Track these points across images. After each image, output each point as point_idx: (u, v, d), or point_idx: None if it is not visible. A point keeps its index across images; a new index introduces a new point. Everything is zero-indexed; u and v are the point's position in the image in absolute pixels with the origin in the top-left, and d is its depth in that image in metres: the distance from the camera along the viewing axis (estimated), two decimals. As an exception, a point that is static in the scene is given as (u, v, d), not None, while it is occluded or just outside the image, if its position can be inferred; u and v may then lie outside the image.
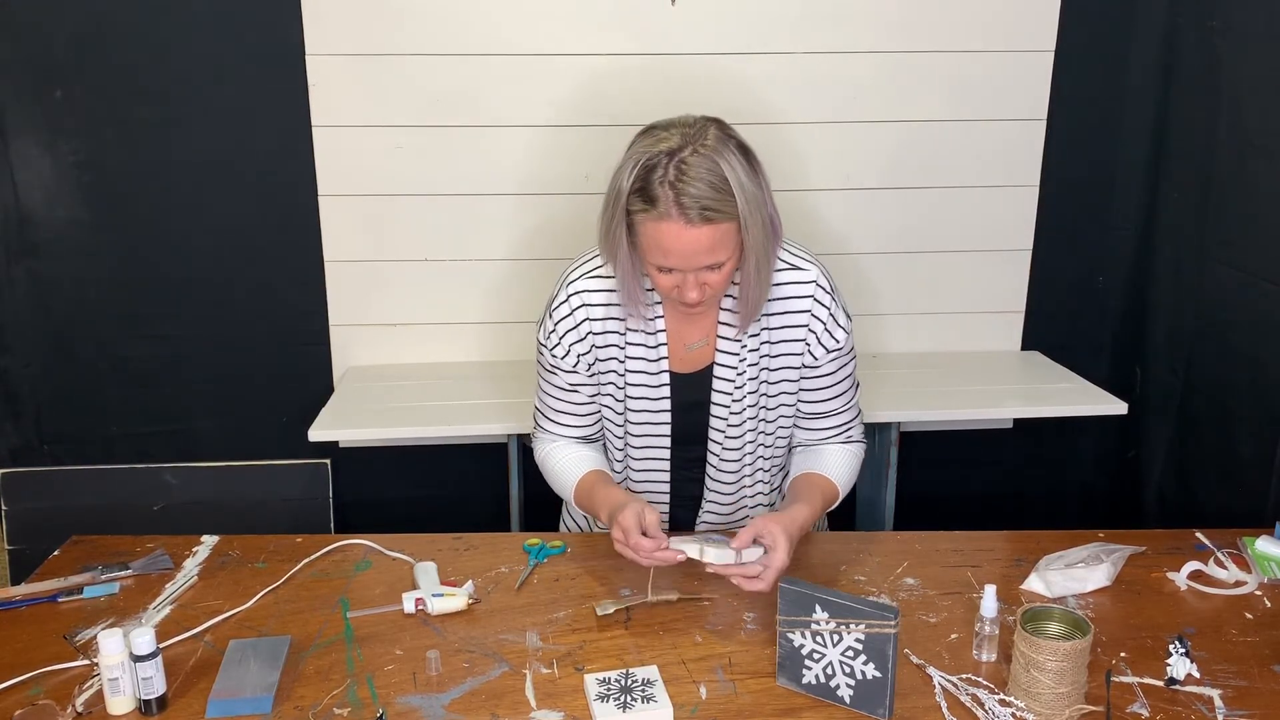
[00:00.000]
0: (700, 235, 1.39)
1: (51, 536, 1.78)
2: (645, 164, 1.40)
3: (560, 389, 1.65)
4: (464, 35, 2.41)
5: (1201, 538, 1.69)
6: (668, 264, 1.44)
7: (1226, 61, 2.24)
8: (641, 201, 1.40)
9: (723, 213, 1.39)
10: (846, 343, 1.62)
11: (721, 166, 1.39)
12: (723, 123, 1.47)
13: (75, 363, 2.54)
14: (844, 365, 1.64)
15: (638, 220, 1.42)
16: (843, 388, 1.66)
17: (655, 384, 1.61)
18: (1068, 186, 2.62)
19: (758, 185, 1.43)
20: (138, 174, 2.44)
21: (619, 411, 1.65)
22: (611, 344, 1.60)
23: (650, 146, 1.41)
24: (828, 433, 1.69)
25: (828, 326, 1.59)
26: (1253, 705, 1.28)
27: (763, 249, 1.46)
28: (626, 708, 1.26)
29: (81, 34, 2.34)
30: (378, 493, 2.68)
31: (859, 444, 1.71)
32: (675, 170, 1.38)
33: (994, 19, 2.48)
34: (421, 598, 1.49)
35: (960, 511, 2.72)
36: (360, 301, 2.57)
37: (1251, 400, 2.17)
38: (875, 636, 1.24)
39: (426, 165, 2.49)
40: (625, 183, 1.41)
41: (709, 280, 1.45)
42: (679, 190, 1.37)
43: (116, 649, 1.26)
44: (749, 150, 1.46)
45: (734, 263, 1.46)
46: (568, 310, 1.59)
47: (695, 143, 1.40)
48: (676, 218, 1.38)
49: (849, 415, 1.69)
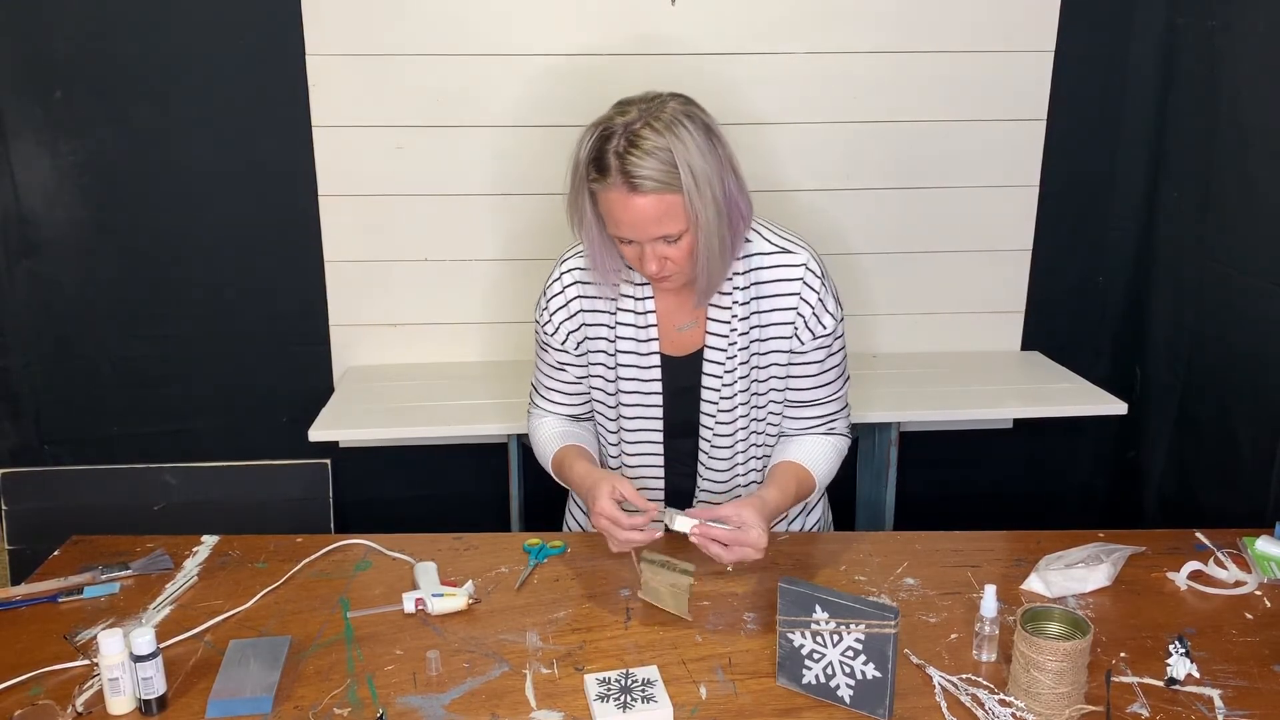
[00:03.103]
0: (645, 204, 1.43)
1: (51, 536, 1.78)
2: (601, 134, 1.44)
3: (551, 366, 1.69)
4: (464, 35, 2.41)
5: (1201, 538, 1.69)
6: (620, 234, 1.48)
7: (1226, 61, 2.24)
8: (595, 171, 1.45)
9: (667, 184, 1.42)
10: (834, 330, 1.62)
11: (669, 140, 1.41)
12: (687, 100, 1.50)
13: (75, 363, 2.54)
14: (831, 355, 1.64)
15: (594, 190, 1.47)
16: (828, 378, 1.65)
17: (646, 364, 1.63)
18: (1068, 186, 2.62)
19: (711, 162, 1.45)
20: (138, 174, 2.44)
21: (610, 393, 1.66)
22: (601, 323, 1.63)
23: (609, 119, 1.45)
24: (811, 423, 1.68)
25: (815, 311, 1.59)
26: (1253, 705, 1.28)
27: (713, 226, 1.46)
28: (626, 708, 1.26)
29: (81, 34, 2.34)
30: (378, 493, 2.68)
31: (842, 437, 1.71)
32: (625, 141, 1.42)
33: (994, 19, 2.48)
34: (421, 598, 1.49)
35: (960, 511, 2.72)
36: (360, 301, 2.57)
37: (1251, 400, 2.17)
38: (875, 636, 1.24)
39: (426, 165, 2.49)
40: (582, 153, 1.46)
41: (667, 254, 1.48)
42: (625, 160, 1.41)
43: (116, 649, 1.26)
44: (711, 129, 1.48)
45: (691, 238, 1.47)
46: (560, 288, 1.64)
47: (649, 116, 1.43)
48: (622, 186, 1.42)
49: (834, 407, 1.68)
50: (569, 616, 1.48)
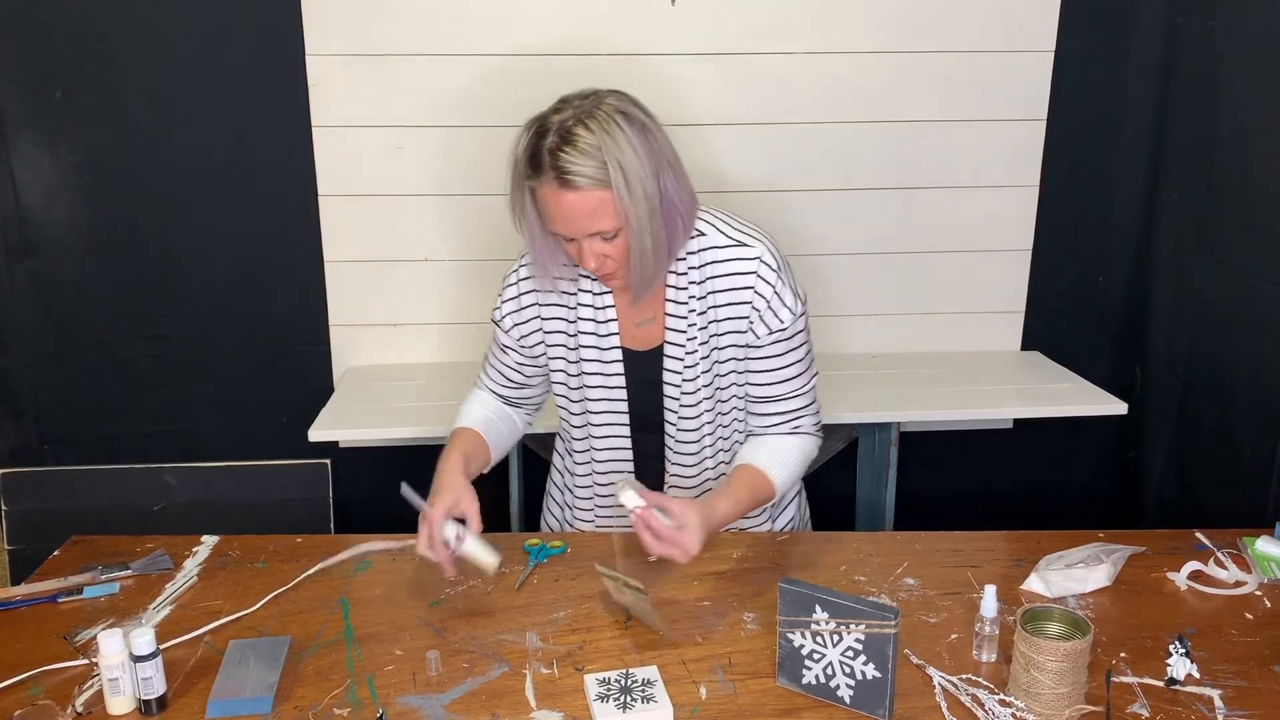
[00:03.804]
0: (577, 200, 1.43)
1: (51, 536, 1.78)
2: (537, 131, 1.45)
3: (496, 345, 1.72)
4: (464, 35, 2.41)
5: (1201, 538, 1.69)
6: (556, 229, 1.49)
7: (1226, 61, 2.24)
8: (530, 168, 1.46)
9: (599, 181, 1.42)
10: (793, 325, 1.59)
11: (601, 137, 1.41)
12: (625, 97, 1.50)
13: (75, 363, 2.54)
14: (791, 350, 1.61)
15: (531, 187, 1.47)
16: (789, 373, 1.62)
17: (608, 359, 1.63)
18: (1068, 186, 2.62)
19: (645, 160, 1.44)
20: (138, 174, 2.44)
21: (574, 387, 1.66)
22: (560, 317, 1.65)
23: (545, 116, 1.46)
24: (774, 419, 1.65)
25: (771, 304, 1.57)
26: (1253, 705, 1.28)
27: (645, 224, 1.45)
28: (626, 708, 1.26)
29: (81, 34, 2.34)
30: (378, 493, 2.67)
31: (808, 436, 1.67)
32: (559, 138, 1.42)
33: (994, 19, 2.48)
34: (462, 535, 1.47)
35: (960, 511, 2.72)
36: (360, 301, 2.57)
37: (1251, 400, 2.17)
38: (875, 636, 1.24)
39: (426, 165, 2.49)
40: (519, 150, 1.47)
41: (605, 251, 1.48)
42: (557, 157, 1.42)
43: (116, 649, 1.26)
44: (647, 127, 1.47)
45: (627, 235, 1.47)
46: (515, 279, 1.67)
47: (583, 113, 1.43)
48: (554, 182, 1.43)
49: (798, 403, 1.64)
50: (569, 616, 1.48)
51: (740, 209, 1.62)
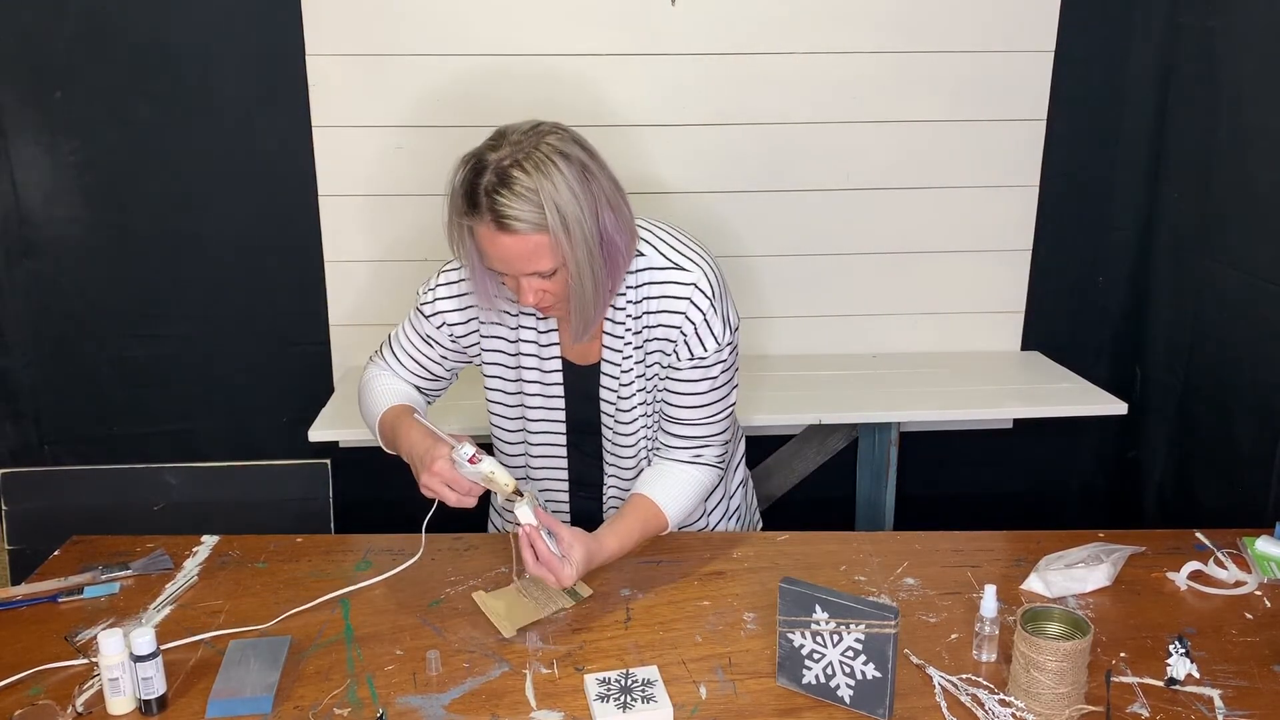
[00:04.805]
0: (513, 244, 1.40)
1: (51, 536, 1.77)
2: (473, 168, 1.42)
3: (419, 335, 1.67)
4: (464, 35, 2.41)
5: (1201, 538, 1.69)
6: (492, 267, 1.47)
7: (1226, 61, 2.24)
8: (465, 204, 1.43)
9: (534, 224, 1.39)
10: (714, 355, 1.56)
11: (538, 180, 1.38)
12: (565, 134, 1.45)
13: (75, 363, 2.54)
14: (709, 379, 1.57)
15: (467, 224, 1.44)
16: (701, 400, 1.58)
17: (548, 369, 1.62)
18: (1068, 186, 2.62)
19: (584, 202, 1.41)
20: (138, 174, 2.44)
21: (511, 392, 1.66)
22: (500, 323, 1.62)
23: (482, 153, 1.43)
24: (677, 442, 1.62)
25: (699, 331, 1.54)
26: (1253, 705, 1.28)
27: (585, 265, 1.43)
28: (626, 708, 1.26)
29: (81, 34, 2.34)
30: (378, 493, 2.68)
31: (709, 468, 1.64)
32: (495, 177, 1.39)
33: (994, 19, 2.48)
34: (479, 455, 1.44)
35: (960, 511, 2.72)
36: (360, 301, 2.57)
37: (1251, 400, 2.17)
38: (875, 636, 1.24)
39: (426, 165, 2.48)
40: (456, 183, 1.44)
41: (544, 287, 1.46)
42: (493, 199, 1.39)
43: (116, 649, 1.26)
44: (586, 167, 1.43)
45: (566, 274, 1.45)
46: (458, 277, 1.61)
47: (521, 153, 1.40)
48: (491, 224, 1.40)
49: (704, 431, 1.61)
50: (569, 616, 1.48)
51: (740, 209, 1.62)
